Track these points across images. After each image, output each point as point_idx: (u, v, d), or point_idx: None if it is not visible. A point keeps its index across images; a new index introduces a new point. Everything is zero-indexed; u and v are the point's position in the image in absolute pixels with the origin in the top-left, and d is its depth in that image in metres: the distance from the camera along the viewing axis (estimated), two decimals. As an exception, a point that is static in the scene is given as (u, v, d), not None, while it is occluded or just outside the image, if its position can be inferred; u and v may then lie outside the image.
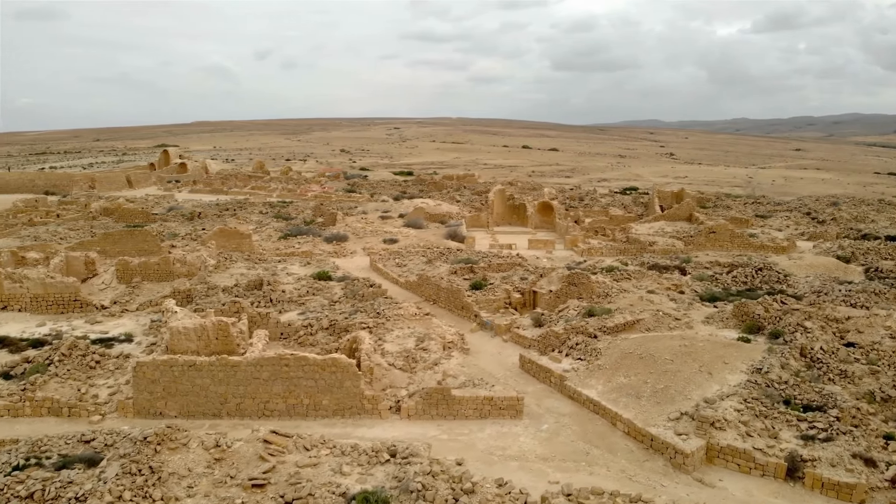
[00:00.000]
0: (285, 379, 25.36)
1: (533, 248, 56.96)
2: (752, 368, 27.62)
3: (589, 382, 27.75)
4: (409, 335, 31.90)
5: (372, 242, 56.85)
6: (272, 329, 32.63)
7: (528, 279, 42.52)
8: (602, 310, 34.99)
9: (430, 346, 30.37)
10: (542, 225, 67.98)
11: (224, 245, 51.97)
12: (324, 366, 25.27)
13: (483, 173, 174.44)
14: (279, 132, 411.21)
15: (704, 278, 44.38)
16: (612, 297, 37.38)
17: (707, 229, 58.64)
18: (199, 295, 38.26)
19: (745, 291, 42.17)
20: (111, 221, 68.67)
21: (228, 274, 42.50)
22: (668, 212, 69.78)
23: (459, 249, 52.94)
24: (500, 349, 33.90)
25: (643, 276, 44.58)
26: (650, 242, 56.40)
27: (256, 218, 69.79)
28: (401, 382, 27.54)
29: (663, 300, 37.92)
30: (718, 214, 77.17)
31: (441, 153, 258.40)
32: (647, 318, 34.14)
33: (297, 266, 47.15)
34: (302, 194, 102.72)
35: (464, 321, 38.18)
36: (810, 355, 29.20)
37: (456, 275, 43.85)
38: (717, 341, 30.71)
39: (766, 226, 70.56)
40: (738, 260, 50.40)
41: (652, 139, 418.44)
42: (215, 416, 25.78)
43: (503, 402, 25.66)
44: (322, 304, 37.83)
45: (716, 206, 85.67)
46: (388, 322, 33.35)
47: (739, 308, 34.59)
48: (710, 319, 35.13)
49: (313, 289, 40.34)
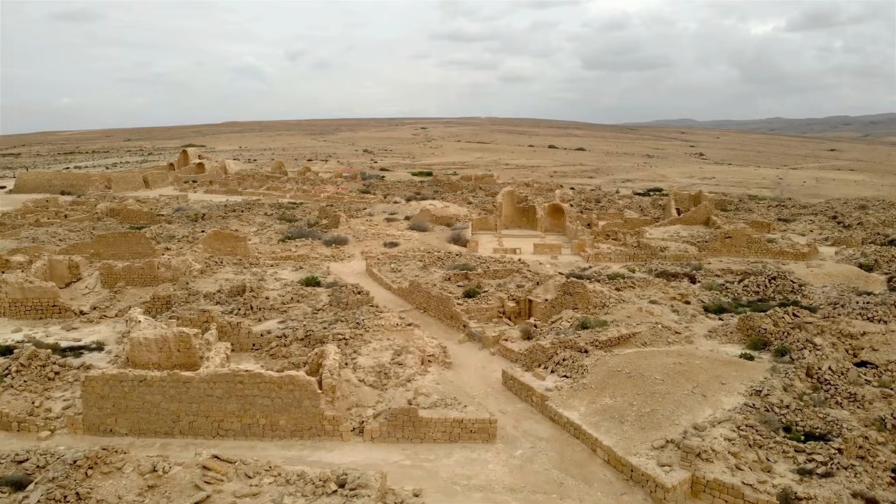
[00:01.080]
0: (240, 397, 23.72)
1: (538, 253, 54.77)
2: (751, 390, 25.34)
3: (571, 403, 25.66)
4: (387, 348, 30.10)
5: (371, 246, 55.21)
6: (244, 339, 31.08)
7: (524, 287, 40.46)
8: (596, 322, 32.81)
9: (406, 361, 28.52)
10: (553, 228, 65.69)
11: (219, 248, 50.73)
12: (280, 383, 23.59)
13: (504, 174, 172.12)
14: (307, 132, 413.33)
15: (714, 287, 41.86)
16: (609, 308, 35.16)
17: (722, 234, 55.86)
18: (179, 301, 36.90)
19: (756, 302, 39.60)
20: (115, 223, 68.08)
21: (213, 279, 41.15)
22: (684, 215, 67.01)
23: (459, 254, 51.02)
24: (486, 363, 31.92)
25: (648, 285, 42.24)
26: (661, 248, 53.84)
27: (260, 220, 68.64)
28: (369, 401, 25.75)
29: (665, 311, 35.59)
30: (739, 218, 74.08)
31: (464, 153, 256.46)
32: (643, 331, 31.89)
33: (289, 271, 45.68)
34: (316, 195, 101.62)
35: (453, 331, 36.28)
36: (817, 376, 26.76)
37: (449, 281, 41.95)
38: (716, 358, 28.38)
39: (788, 230, 67.36)
40: (753, 267, 47.68)
41: (683, 139, 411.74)
42: (167, 435, 24.25)
43: (474, 424, 23.72)
44: (305, 312, 36.21)
45: (737, 209, 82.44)
46: (367, 333, 31.58)
47: (744, 322, 32.16)
48: (713, 333, 32.75)
49: (298, 295, 38.77)
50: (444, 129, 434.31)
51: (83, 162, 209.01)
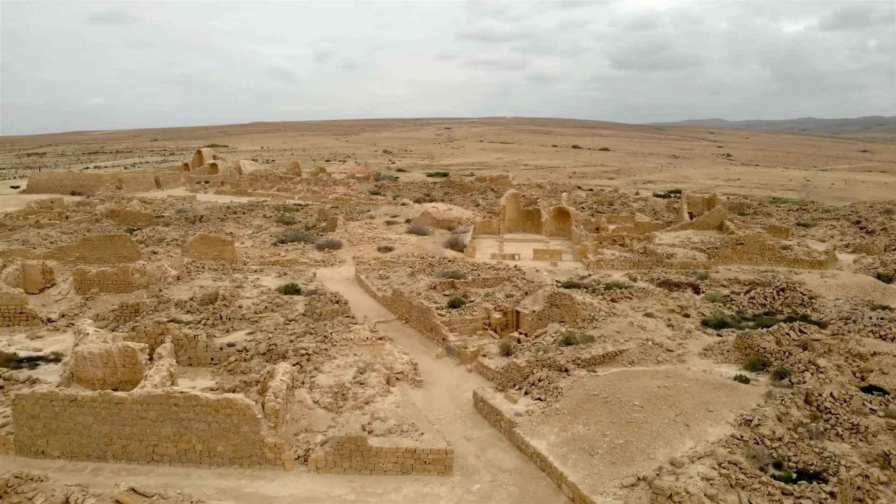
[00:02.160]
0: (175, 420, 21.87)
1: (538, 259, 52.39)
2: (740, 419, 22.87)
3: (541, 431, 23.39)
4: (351, 364, 28.08)
5: (365, 250, 53.32)
6: (202, 353, 29.29)
7: (513, 297, 38.19)
8: (582, 337, 30.44)
9: (368, 380, 26.47)
10: (558, 232, 63.18)
11: (205, 252, 49.23)
12: (217, 407, 21.69)
13: (522, 174, 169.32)
14: (331, 133, 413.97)
15: (717, 299, 39.17)
16: (598, 322, 32.74)
17: (734, 240, 52.94)
18: (147, 310, 35.31)
19: (762, 315, 36.86)
20: (113, 225, 67.14)
21: (188, 286, 39.52)
22: (696, 219, 64.08)
23: (453, 260, 48.80)
24: (462, 381, 29.76)
25: (648, 295, 39.68)
26: (667, 255, 51.11)
27: (259, 222, 67.16)
28: (321, 425, 23.75)
29: (659, 326, 33.08)
30: (757, 223, 70.78)
31: (484, 154, 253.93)
32: (631, 348, 29.45)
33: (272, 277, 43.97)
34: (324, 196, 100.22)
35: (433, 345, 34.19)
36: (817, 403, 24.15)
37: (435, 290, 39.82)
38: (707, 381, 25.89)
39: (807, 235, 64.01)
40: (763, 277, 44.80)
41: (711, 139, 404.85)
42: (100, 459, 22.51)
43: (429, 455, 21.59)
44: (277, 322, 34.41)
45: (756, 212, 79.01)
46: (333, 348, 29.61)
47: (742, 340, 29.57)
48: (709, 352, 30.19)
49: (274, 304, 36.97)
50: (468, 130, 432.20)
51: (105, 162, 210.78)
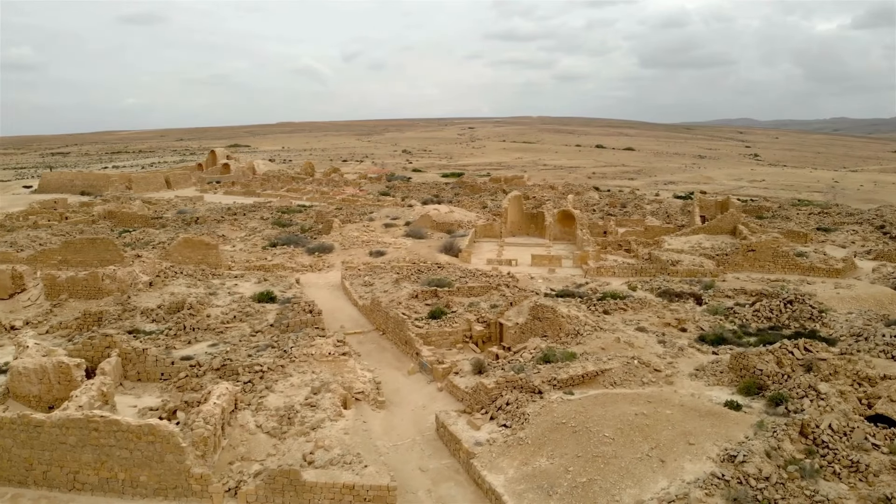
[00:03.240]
0: (95, 446, 20.01)
1: (536, 265, 49.90)
2: (724, 454, 20.36)
3: (500, 463, 21.11)
4: (307, 384, 26.03)
5: (356, 255, 51.30)
6: (150, 368, 27.46)
7: (499, 307, 35.87)
8: (563, 354, 28.05)
9: (321, 401, 24.39)
10: (562, 236, 60.60)
11: (189, 256, 47.64)
12: (139, 433, 19.77)
13: (540, 174, 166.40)
14: (355, 133, 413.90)
15: (719, 312, 36.43)
16: (582, 337, 30.28)
17: (745, 246, 49.94)
18: (111, 319, 33.64)
19: (767, 330, 34.09)
20: (110, 226, 66.12)
21: (158, 293, 37.83)
22: (708, 224, 61.03)
23: (441, 266, 46.51)
24: (430, 401, 27.55)
25: (644, 306, 37.10)
26: (672, 262, 48.28)
27: (255, 224, 65.55)
28: (259, 453, 21.72)
29: (650, 342, 30.53)
30: (774, 227, 67.45)
31: (505, 154, 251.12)
32: (615, 367, 26.99)
33: (251, 283, 42.16)
34: (333, 196, 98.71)
35: (407, 359, 32.03)
36: (814, 435, 21.52)
37: (417, 299, 37.64)
38: (692, 407, 23.39)
39: (827, 241, 60.62)
40: (771, 287, 41.89)
41: (739, 139, 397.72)
42: (21, 484, 20.79)
43: (369, 491, 19.42)
44: (243, 333, 32.54)
45: (774, 216, 75.54)
46: (292, 364, 27.59)
47: (738, 360, 26.93)
48: (701, 372, 27.60)
49: (243, 314, 35.11)
50: (492, 129, 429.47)
51: (124, 161, 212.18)
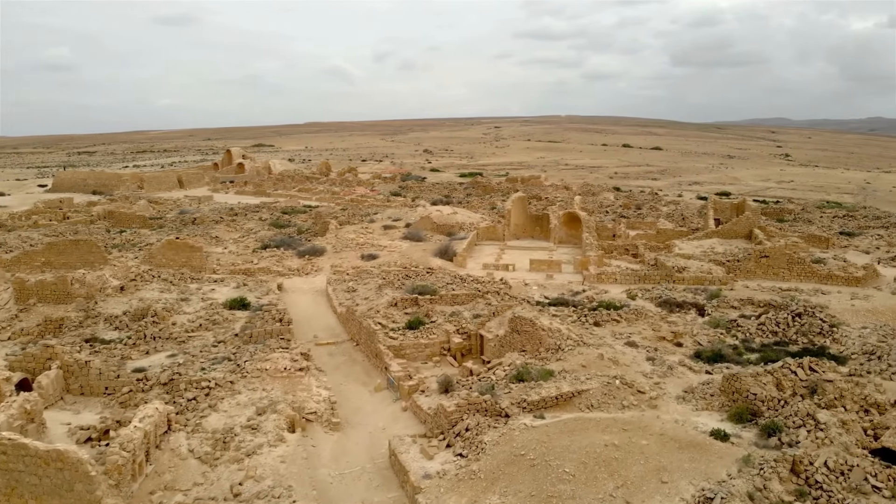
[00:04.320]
0: (4, 471, 18.21)
1: (534, 270, 47.43)
2: (700, 497, 17.88)
3: (447, 501, 18.83)
4: (254, 402, 24.03)
5: (347, 258, 49.35)
6: (94, 382, 25.70)
7: (481, 316, 33.56)
8: (539, 373, 25.68)
9: (264, 423, 22.37)
10: (568, 239, 58.00)
11: (173, 259, 46.11)
12: (47, 459, 17.92)
13: (560, 174, 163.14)
14: (380, 133, 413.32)
15: (721, 324, 33.67)
16: (563, 353, 27.86)
17: (758, 252, 46.89)
18: (72, 326, 32.06)
19: (772, 346, 31.33)
20: (105, 227, 65.14)
21: (127, 299, 36.18)
22: (722, 227, 57.92)
23: (431, 271, 44.24)
24: (392, 422, 25.36)
25: (640, 317, 34.53)
26: (678, 268, 45.43)
27: (252, 225, 64.01)
28: (186, 481, 19.75)
29: (637, 359, 27.99)
30: (795, 230, 64.07)
31: (527, 153, 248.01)
32: (593, 388, 24.55)
33: (230, 287, 40.42)
34: (342, 196, 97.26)
35: (377, 373, 29.90)
36: (807, 474, 18.95)
37: (396, 307, 35.47)
38: (674, 436, 20.90)
39: (849, 246, 57.11)
40: (782, 297, 38.95)
41: (771, 139, 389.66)
42: (-73, 514, 19.01)
43: (293, 531, 17.30)
44: (206, 343, 30.71)
45: (796, 219, 71.93)
46: (244, 380, 25.62)
47: (730, 383, 24.31)
48: (689, 395, 25.01)
49: (210, 321, 33.32)
50: (518, 129, 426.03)
51: (147, 161, 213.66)
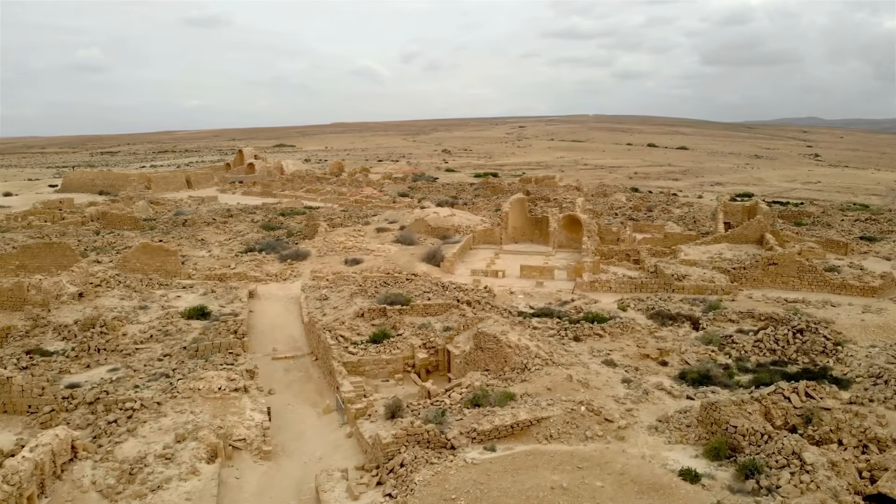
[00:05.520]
0: None
1: (525, 277, 44.76)
2: (652, 556, 15.20)
3: (361, 552, 16.42)
4: (178, 426, 21.83)
5: (329, 263, 47.20)
6: (16, 399, 23.74)
7: (452, 329, 31.05)
8: (497, 397, 23.12)
9: (180, 453, 20.17)
10: (568, 244, 55.16)
11: (147, 263, 44.36)
12: None
13: (578, 174, 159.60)
14: (404, 133, 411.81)
15: (714, 341, 30.74)
16: (529, 373, 25.24)
17: (765, 260, 43.66)
18: (17, 336, 30.24)
19: (769, 366, 28.37)
20: (95, 229, 63.87)
21: (83, 307, 34.35)
22: (732, 231, 54.61)
23: (412, 277, 41.78)
24: (332, 451, 23.00)
25: (626, 332, 31.75)
26: (679, 276, 42.40)
27: (242, 227, 62.21)
28: (76, 521, 17.57)
29: (612, 381, 25.27)
30: (812, 235, 60.46)
31: (548, 153, 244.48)
32: (555, 416, 21.93)
33: (197, 294, 38.48)
34: (348, 197, 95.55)
35: (331, 392, 27.55)
36: (783, 530, 16.18)
37: (363, 318, 33.10)
38: (635, 477, 18.27)
39: (870, 252, 53.45)
40: (785, 310, 35.83)
41: (802, 138, 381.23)
42: None
43: (174, 588, 15.02)
44: (152, 356, 28.68)
45: (815, 222, 68.11)
46: (173, 400, 23.46)
47: (708, 412, 21.51)
48: (664, 425, 22.23)
49: (162, 332, 31.32)
50: (543, 128, 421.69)
51: (165, 161, 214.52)
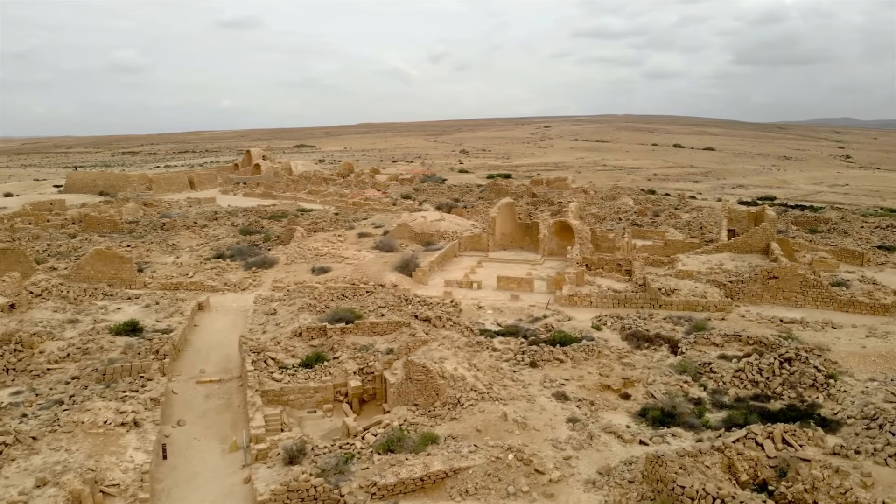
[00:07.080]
0: None
1: (502, 289, 41.41)
2: None
3: None
4: (47, 467, 19.05)
5: (296, 271, 44.34)
6: None
7: (392, 354, 27.91)
8: (418, 439, 19.98)
9: (35, 501, 17.33)
10: (559, 251, 51.63)
11: (102, 271, 41.97)
12: None
13: (595, 176, 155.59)
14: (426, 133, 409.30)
15: (689, 369, 27.14)
16: (461, 409, 22.01)
17: (765, 273, 39.78)
18: (-78, 354, 27.76)
19: (748, 400, 24.77)
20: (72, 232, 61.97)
21: (8, 320, 31.85)
22: (735, 240, 50.60)
23: (373, 289, 38.57)
24: (224, 499, 19.98)
25: (592, 356, 28.30)
26: (667, 290, 38.70)
27: (220, 231, 59.77)
28: None
29: (556, 419, 21.93)
30: (827, 243, 56.26)
31: (568, 153, 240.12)
32: (476, 465, 18.73)
33: (139, 307, 35.89)
34: (348, 199, 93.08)
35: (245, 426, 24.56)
36: None
37: (300, 338, 30.10)
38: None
39: (888, 263, 49.15)
40: (777, 332, 32.03)
41: (834, 139, 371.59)
42: None
43: None
44: (63, 378, 26.07)
45: (831, 229, 63.62)
46: (51, 434, 20.72)
47: (654, 468, 18.10)
48: (603, 480, 18.84)
49: (82, 351, 28.73)
50: (569, 128, 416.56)
51: (182, 161, 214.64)
